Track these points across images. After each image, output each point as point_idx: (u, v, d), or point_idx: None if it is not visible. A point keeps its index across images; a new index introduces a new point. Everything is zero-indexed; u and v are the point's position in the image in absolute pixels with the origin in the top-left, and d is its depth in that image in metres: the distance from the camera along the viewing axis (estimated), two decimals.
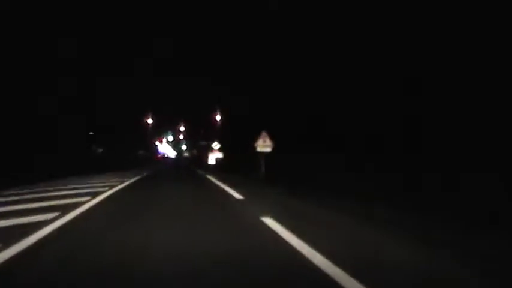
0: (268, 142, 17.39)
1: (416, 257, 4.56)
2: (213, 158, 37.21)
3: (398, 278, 3.81)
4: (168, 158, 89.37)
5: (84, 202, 8.64)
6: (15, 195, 10.22)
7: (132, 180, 16.14)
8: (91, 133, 35.67)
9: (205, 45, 40.62)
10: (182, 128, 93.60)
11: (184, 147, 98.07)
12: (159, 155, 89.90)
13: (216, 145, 36.26)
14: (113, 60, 33.74)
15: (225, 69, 33.72)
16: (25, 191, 11.27)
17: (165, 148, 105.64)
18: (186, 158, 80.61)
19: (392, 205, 8.35)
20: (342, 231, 5.93)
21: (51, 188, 12.00)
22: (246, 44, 27.45)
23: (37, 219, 6.48)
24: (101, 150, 39.50)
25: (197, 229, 5.94)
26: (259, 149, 17.52)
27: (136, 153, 55.81)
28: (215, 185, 14.66)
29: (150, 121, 65.30)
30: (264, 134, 17.46)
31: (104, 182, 14.44)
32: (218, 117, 42.29)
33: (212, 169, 29.99)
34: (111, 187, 12.45)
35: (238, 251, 4.61)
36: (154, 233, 5.62)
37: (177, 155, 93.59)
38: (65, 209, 7.47)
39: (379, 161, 13.11)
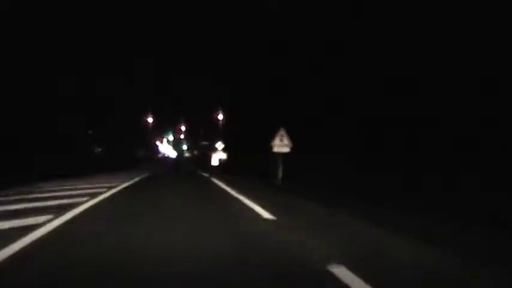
0: (286, 141, 15.47)
1: None
2: (216, 159, 35.23)
3: None
4: (168, 158, 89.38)
5: (36, 226, 5.85)
6: None
7: (123, 185, 13.46)
8: (90, 131, 35.50)
9: (205, 45, 40.67)
10: (183, 128, 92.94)
11: (185, 147, 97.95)
12: (160, 155, 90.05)
13: (219, 145, 34.83)
14: (113, 60, 33.76)
15: (225, 69, 33.81)
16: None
17: (165, 148, 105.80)
18: (187, 158, 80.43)
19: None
20: None
21: (28, 197, 9.65)
22: (246, 44, 27.49)
23: None
24: (99, 149, 39.21)
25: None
26: (276, 149, 15.52)
27: (136, 152, 55.53)
28: (227, 193, 11.65)
29: (150, 120, 65.23)
30: (281, 131, 15.53)
31: (87, 189, 11.75)
32: (220, 117, 41.86)
33: (216, 171, 27.42)
34: (93, 196, 9.82)
35: None
36: None
37: (177, 155, 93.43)
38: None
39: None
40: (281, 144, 15.43)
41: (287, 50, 21.13)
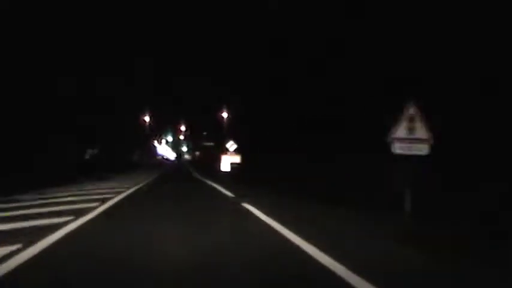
0: (421, 131, 7.77)
1: None
2: (227, 163, 27.72)
3: None
4: (167, 160, 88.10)
5: None
6: None
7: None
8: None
9: (205, 45, 40.70)
10: (183, 128, 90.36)
11: (185, 148, 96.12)
12: (158, 157, 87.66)
13: (231, 145, 27.62)
14: (113, 60, 33.73)
15: (225, 69, 33.81)
16: None
17: (164, 150, 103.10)
18: (188, 161, 78.84)
19: None
20: None
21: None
22: (246, 44, 27.51)
23: None
24: (95, 151, 38.00)
25: None
26: (398, 149, 7.81)
27: (132, 156, 54.21)
28: None
29: (147, 119, 64.65)
30: (411, 109, 7.96)
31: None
32: (225, 114, 41.30)
33: (233, 182, 19.44)
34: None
35: None
36: None
37: (177, 157, 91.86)
38: None
39: None
40: (411, 140, 7.77)
41: (287, 50, 21.15)
